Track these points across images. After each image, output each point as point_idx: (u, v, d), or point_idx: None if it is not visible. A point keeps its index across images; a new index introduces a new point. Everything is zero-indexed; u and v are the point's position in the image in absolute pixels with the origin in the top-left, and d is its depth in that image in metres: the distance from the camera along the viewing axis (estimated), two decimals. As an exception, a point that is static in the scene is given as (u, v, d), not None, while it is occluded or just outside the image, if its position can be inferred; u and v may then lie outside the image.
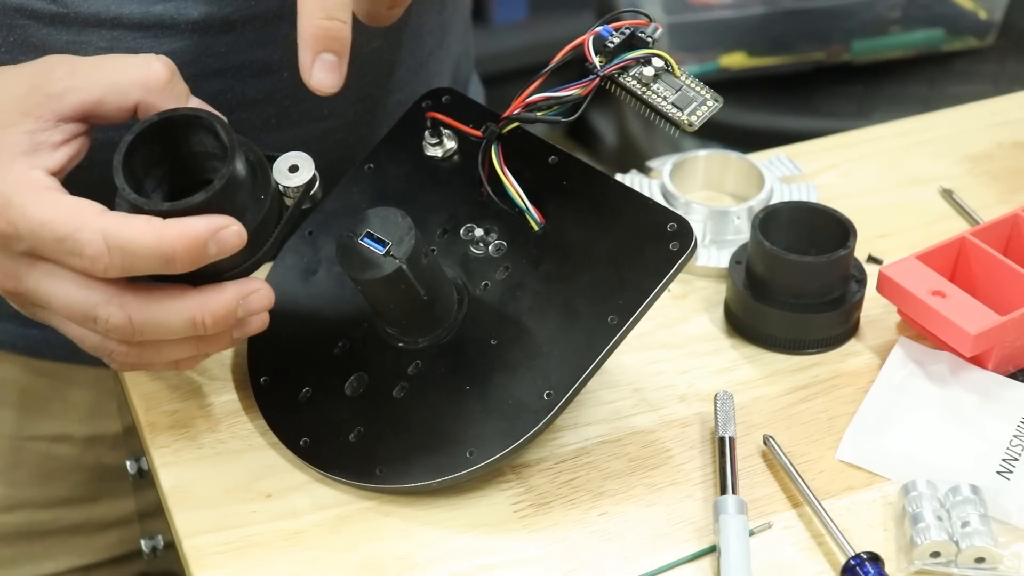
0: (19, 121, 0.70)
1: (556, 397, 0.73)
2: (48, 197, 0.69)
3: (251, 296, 0.71)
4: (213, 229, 0.68)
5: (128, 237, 0.67)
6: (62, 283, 0.70)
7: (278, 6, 0.84)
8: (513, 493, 0.75)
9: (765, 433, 0.78)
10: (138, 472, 0.84)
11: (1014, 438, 0.78)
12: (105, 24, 0.81)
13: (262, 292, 0.72)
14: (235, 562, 0.72)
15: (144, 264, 0.68)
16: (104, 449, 0.99)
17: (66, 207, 0.68)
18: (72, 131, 0.72)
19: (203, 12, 0.81)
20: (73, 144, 0.72)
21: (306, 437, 0.76)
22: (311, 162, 0.72)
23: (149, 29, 0.81)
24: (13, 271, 0.71)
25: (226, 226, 0.68)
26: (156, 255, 0.67)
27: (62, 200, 0.69)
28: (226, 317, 0.71)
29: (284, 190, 0.72)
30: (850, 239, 0.82)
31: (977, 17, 1.67)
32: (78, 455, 0.99)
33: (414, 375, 0.77)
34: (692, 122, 0.76)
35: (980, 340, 0.79)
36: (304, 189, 0.72)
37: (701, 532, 0.73)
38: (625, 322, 0.74)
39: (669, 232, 0.75)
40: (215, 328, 0.71)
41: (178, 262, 0.68)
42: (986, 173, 0.98)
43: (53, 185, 0.70)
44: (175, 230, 0.67)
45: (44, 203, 0.68)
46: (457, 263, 0.79)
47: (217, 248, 0.68)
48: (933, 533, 0.71)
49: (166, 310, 0.70)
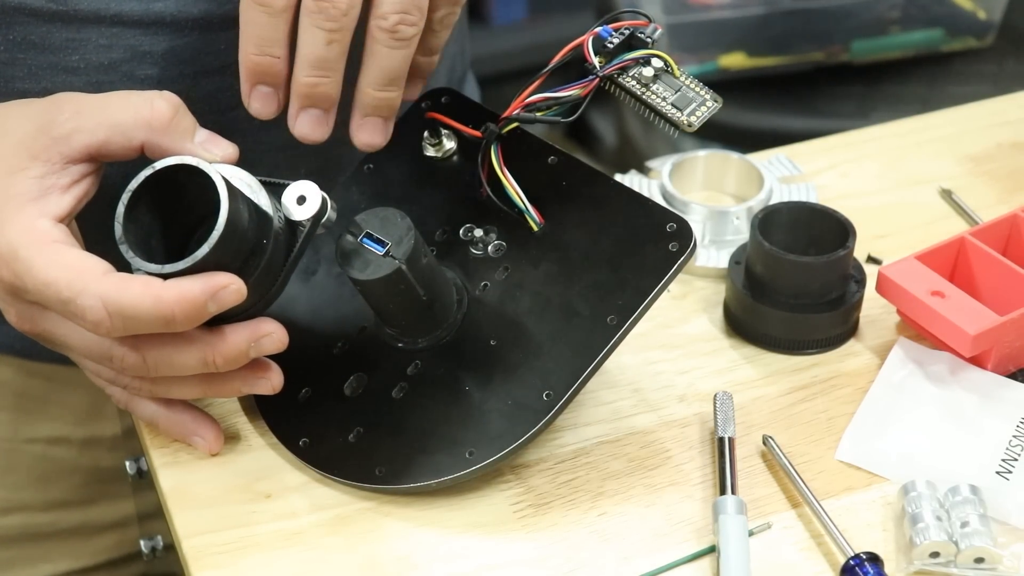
0: (28, 165, 0.71)
1: (556, 397, 0.73)
2: (52, 254, 0.69)
3: (263, 340, 0.72)
4: (211, 291, 0.69)
5: (127, 303, 0.68)
6: (75, 328, 0.72)
7: None
8: (513, 493, 0.75)
9: (764, 433, 0.78)
10: (137, 472, 0.84)
11: (1013, 438, 0.78)
12: (105, 21, 0.80)
13: (275, 336, 0.73)
14: (235, 562, 0.72)
15: (145, 326, 0.69)
16: (101, 451, 0.99)
17: (68, 268, 0.69)
18: (80, 172, 0.73)
19: (203, 9, 0.81)
20: (82, 185, 0.73)
21: (306, 437, 0.76)
22: (318, 191, 0.72)
23: (149, 27, 0.81)
24: (28, 315, 0.73)
25: (224, 286, 0.69)
26: (155, 318, 0.68)
27: (66, 258, 0.69)
28: (237, 358, 0.72)
29: (293, 223, 0.72)
30: (849, 239, 0.82)
31: (976, 17, 1.67)
32: (75, 457, 0.99)
33: (414, 375, 0.77)
34: (691, 122, 0.76)
35: (979, 340, 0.79)
36: (313, 220, 0.72)
37: (700, 532, 0.74)
38: (624, 322, 0.74)
39: (668, 232, 0.75)
40: (227, 367, 0.72)
41: (178, 323, 0.69)
42: (985, 173, 0.98)
43: (60, 237, 0.70)
44: (173, 293, 0.68)
45: (48, 261, 0.69)
46: (457, 263, 0.79)
47: (216, 307, 0.69)
48: (932, 533, 0.71)
49: (179, 350, 0.71)
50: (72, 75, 0.81)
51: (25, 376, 0.96)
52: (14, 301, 0.73)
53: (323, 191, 0.72)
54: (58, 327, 0.73)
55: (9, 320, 0.74)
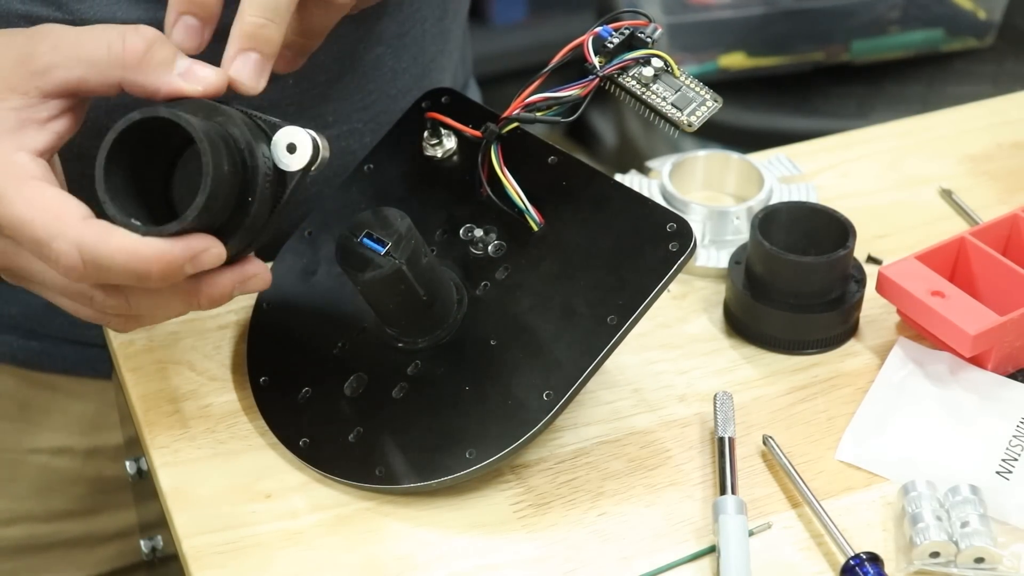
0: (5, 96, 0.69)
1: (556, 397, 0.73)
2: (32, 191, 0.67)
3: (249, 281, 0.71)
4: (190, 254, 0.67)
5: (104, 254, 0.66)
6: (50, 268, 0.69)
7: None
8: (513, 493, 0.75)
9: (764, 433, 0.78)
10: (137, 472, 0.84)
11: (1013, 438, 0.78)
12: None
13: (260, 277, 0.72)
14: (235, 562, 0.72)
15: (118, 279, 0.67)
16: (104, 461, 0.98)
17: (45, 209, 0.67)
18: (59, 107, 0.70)
19: None
20: (61, 120, 0.70)
21: (306, 437, 0.76)
22: (308, 139, 0.69)
23: None
24: (3, 249, 0.70)
25: (205, 249, 0.67)
26: (131, 273, 0.67)
27: (45, 196, 0.67)
28: (222, 299, 0.71)
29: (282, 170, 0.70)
30: (849, 239, 0.82)
31: (976, 17, 1.67)
32: (78, 468, 0.98)
33: (414, 375, 0.77)
34: (692, 122, 0.76)
35: (979, 340, 0.79)
36: (303, 171, 0.70)
37: (700, 532, 0.74)
38: (625, 322, 0.74)
39: (668, 232, 0.75)
40: (211, 307, 0.71)
41: (153, 281, 0.67)
42: (985, 173, 0.98)
43: (39, 173, 0.68)
44: (152, 251, 0.66)
45: (27, 198, 0.67)
46: (457, 263, 0.79)
47: (193, 269, 0.68)
48: (932, 533, 0.71)
49: (162, 293, 0.70)
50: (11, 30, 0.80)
51: (28, 386, 0.96)
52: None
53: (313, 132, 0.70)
54: (34, 263, 0.70)
55: None
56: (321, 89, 0.87)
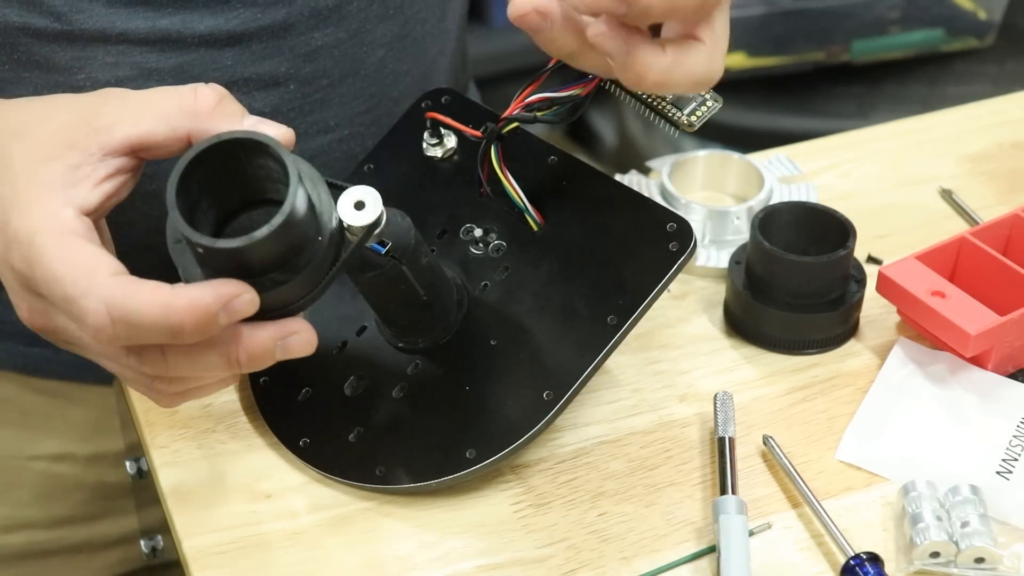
0: (63, 153, 0.68)
1: (556, 397, 0.73)
2: (67, 246, 0.65)
3: (291, 338, 0.67)
4: (223, 301, 0.63)
5: (133, 308, 0.63)
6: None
7: (284, 19, 0.83)
8: (513, 493, 0.75)
9: (765, 433, 0.78)
10: (138, 472, 0.84)
11: (1014, 438, 0.78)
12: (111, 40, 0.80)
13: (303, 335, 0.67)
14: (235, 562, 0.72)
15: (150, 336, 0.64)
16: (106, 467, 0.98)
17: (77, 264, 0.64)
18: (118, 165, 0.69)
19: (209, 25, 0.81)
20: (116, 179, 0.69)
21: (306, 437, 0.76)
22: (378, 199, 0.67)
23: (155, 44, 0.81)
24: (40, 309, 0.68)
25: (237, 295, 0.64)
26: (162, 328, 0.63)
27: (78, 253, 0.65)
28: (263, 357, 0.67)
29: (347, 227, 0.67)
30: (850, 239, 0.82)
31: (977, 17, 1.67)
32: (80, 474, 0.98)
33: (414, 375, 0.77)
34: (692, 122, 0.76)
35: (980, 340, 0.79)
36: (368, 229, 0.67)
37: (701, 532, 0.74)
38: (625, 322, 0.74)
39: (669, 232, 0.75)
40: (251, 367, 0.67)
41: (186, 335, 0.64)
42: (985, 173, 0.98)
43: (79, 229, 0.66)
44: (183, 302, 0.63)
45: (61, 254, 0.65)
46: (457, 263, 0.79)
47: (227, 318, 0.64)
48: (933, 533, 0.71)
49: (200, 348, 0.66)
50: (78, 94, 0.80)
51: (29, 393, 0.95)
52: (26, 294, 0.68)
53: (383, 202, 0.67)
54: (69, 326, 0.68)
55: (21, 316, 0.70)
56: (323, 94, 0.87)
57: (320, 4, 0.84)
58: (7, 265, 0.68)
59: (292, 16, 0.84)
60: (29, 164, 0.68)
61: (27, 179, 0.67)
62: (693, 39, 0.68)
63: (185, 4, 0.81)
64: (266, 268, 0.65)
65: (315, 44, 0.85)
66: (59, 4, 0.79)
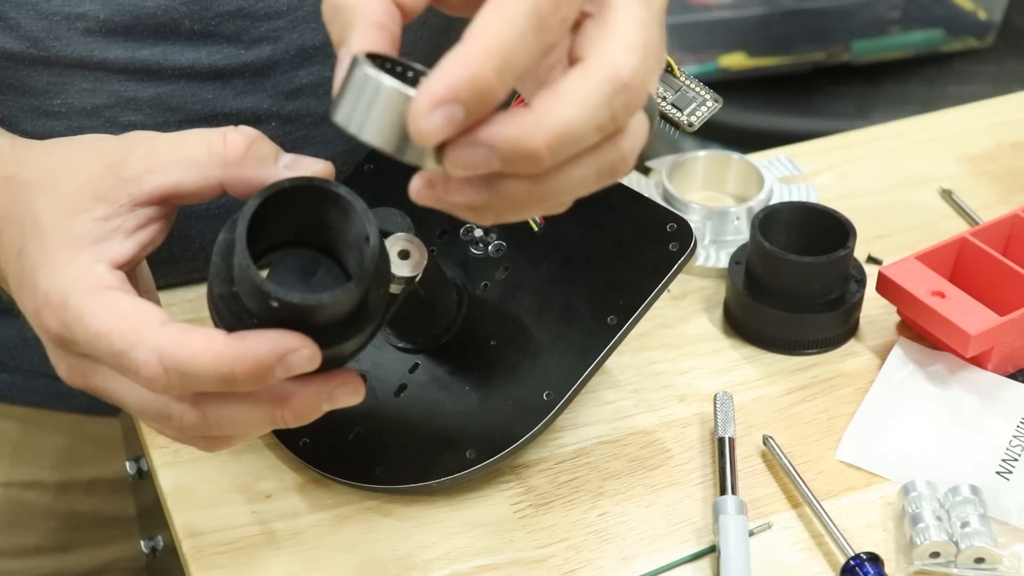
0: (92, 207, 0.65)
1: (556, 397, 0.73)
2: (106, 302, 0.62)
3: (338, 390, 0.64)
4: (280, 353, 0.60)
5: (186, 358, 0.60)
6: (129, 384, 0.64)
7: (269, 56, 0.82)
8: (513, 493, 0.75)
9: (765, 433, 0.78)
10: (137, 472, 0.84)
11: (1014, 438, 0.78)
12: (89, 67, 0.79)
13: (350, 386, 0.64)
14: (235, 562, 0.72)
15: (203, 384, 0.61)
16: (78, 496, 0.96)
17: (122, 317, 0.62)
18: (148, 216, 0.66)
19: (191, 58, 0.80)
20: (148, 230, 0.66)
21: (306, 437, 0.76)
22: (422, 247, 0.65)
23: (134, 73, 0.79)
24: (79, 369, 0.66)
25: (295, 350, 0.60)
26: (215, 377, 0.60)
27: (120, 306, 0.62)
28: (310, 413, 0.64)
29: (393, 277, 0.65)
30: (850, 239, 0.82)
31: (977, 17, 1.67)
32: (50, 502, 0.96)
33: (414, 375, 0.77)
34: (692, 122, 0.76)
35: (980, 340, 0.79)
36: (411, 280, 0.65)
37: (701, 532, 0.74)
38: (625, 323, 0.74)
39: (669, 232, 0.75)
40: (297, 424, 0.64)
41: (239, 384, 0.61)
42: (985, 173, 0.98)
43: (115, 283, 0.63)
44: (237, 351, 0.60)
45: (101, 310, 0.62)
46: (457, 263, 0.79)
47: (284, 372, 0.60)
48: (933, 533, 0.71)
49: (244, 407, 0.63)
50: (53, 119, 0.79)
51: (1, 419, 0.94)
52: (64, 354, 0.65)
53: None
54: (111, 382, 0.65)
55: (60, 374, 0.67)
56: (305, 132, 0.84)
57: (306, 42, 0.82)
58: (41, 328, 0.65)
59: (277, 54, 0.82)
60: (56, 220, 0.65)
61: (56, 237, 0.65)
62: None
63: (167, 36, 0.79)
64: (329, 324, 0.61)
65: (299, 82, 0.83)
66: (36, 30, 0.77)
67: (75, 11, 0.77)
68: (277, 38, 0.81)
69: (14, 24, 0.77)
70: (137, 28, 0.78)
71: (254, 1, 0.80)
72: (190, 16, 0.79)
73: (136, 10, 0.78)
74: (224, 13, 0.79)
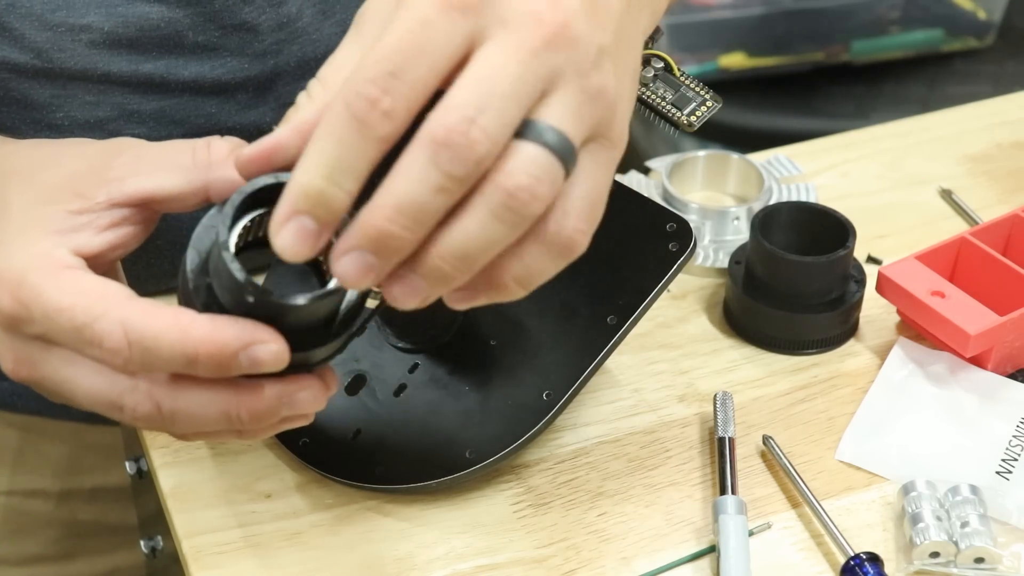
0: (67, 200, 0.64)
1: (555, 397, 0.73)
2: (68, 278, 0.61)
3: (298, 394, 0.61)
4: (244, 342, 0.58)
5: (152, 333, 0.59)
6: (82, 370, 0.62)
7: (272, 70, 0.82)
8: (513, 493, 0.75)
9: (764, 433, 0.78)
10: (137, 472, 0.84)
11: (1013, 438, 0.78)
12: (92, 79, 0.79)
13: (310, 392, 0.62)
14: (235, 562, 0.72)
15: (166, 363, 0.59)
16: (79, 504, 0.96)
17: (87, 291, 0.61)
18: (124, 216, 0.64)
19: (194, 72, 0.80)
20: (121, 230, 0.64)
21: (306, 437, 0.76)
22: None
23: (138, 87, 0.80)
24: (27, 356, 0.63)
25: (263, 342, 0.58)
26: (179, 355, 0.59)
27: (83, 281, 0.61)
28: (266, 414, 0.61)
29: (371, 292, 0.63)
30: (849, 239, 0.82)
31: (976, 17, 1.67)
32: (51, 511, 0.96)
33: (414, 375, 0.77)
34: (691, 122, 0.76)
35: (980, 340, 0.79)
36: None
37: (700, 532, 0.74)
38: (624, 322, 0.74)
39: (669, 232, 0.75)
40: (253, 425, 0.62)
41: (200, 366, 0.59)
42: (985, 173, 0.98)
43: (74, 264, 0.62)
44: (203, 331, 0.58)
45: (62, 286, 0.61)
46: (457, 263, 0.79)
47: (248, 363, 0.59)
48: (932, 533, 0.71)
49: (199, 401, 0.61)
50: (56, 132, 0.79)
51: (2, 427, 0.94)
52: (12, 339, 0.63)
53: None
54: (61, 371, 0.62)
55: (5, 368, 0.64)
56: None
57: (307, 55, 0.82)
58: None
59: (280, 67, 0.82)
60: (27, 207, 0.64)
61: (22, 221, 0.64)
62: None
63: (171, 50, 0.79)
64: (301, 328, 0.60)
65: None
66: (41, 41, 0.77)
67: (79, 23, 0.77)
68: (279, 51, 0.82)
69: (18, 35, 0.77)
70: (141, 41, 0.78)
71: (257, 14, 0.80)
72: (194, 29, 0.79)
73: (140, 23, 0.78)
74: (228, 26, 0.79)
